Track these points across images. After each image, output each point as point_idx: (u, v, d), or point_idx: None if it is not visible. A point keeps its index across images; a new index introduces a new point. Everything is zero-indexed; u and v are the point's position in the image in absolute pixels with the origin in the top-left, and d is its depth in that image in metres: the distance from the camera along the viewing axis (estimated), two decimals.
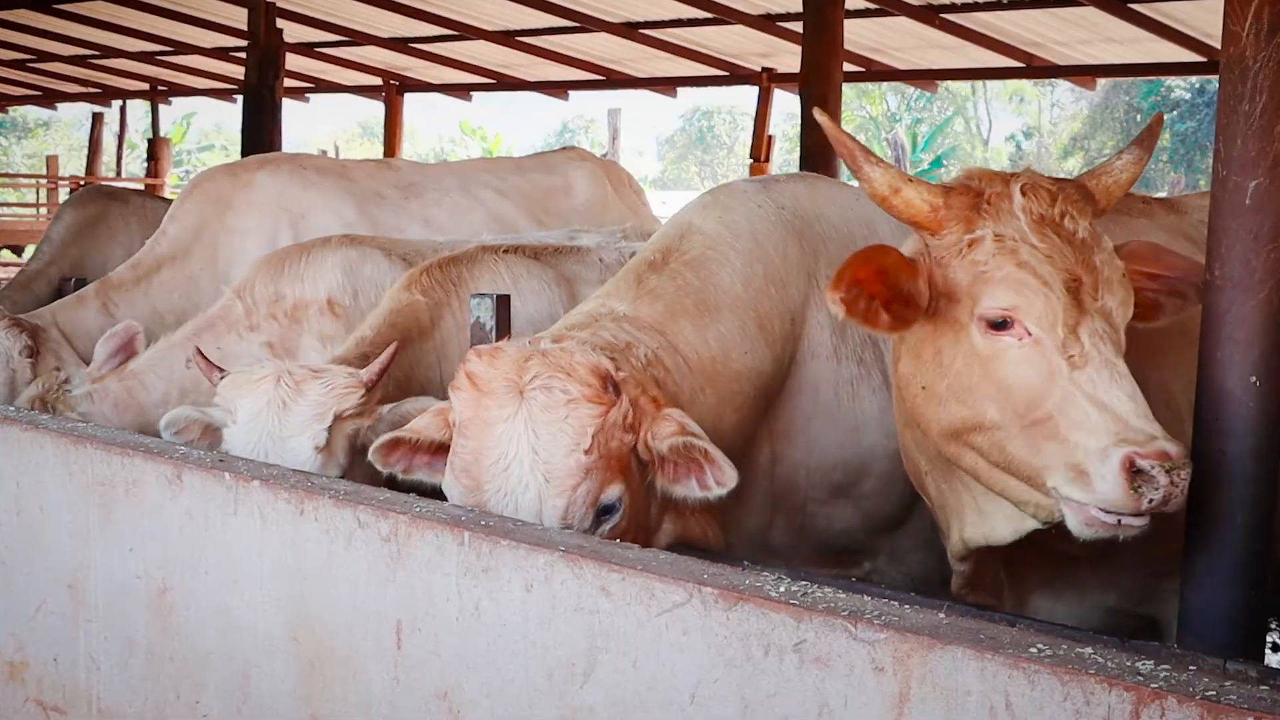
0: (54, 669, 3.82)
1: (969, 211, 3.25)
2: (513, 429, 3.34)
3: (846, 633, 2.27)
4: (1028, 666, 2.08)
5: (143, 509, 3.51)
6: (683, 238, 4.15)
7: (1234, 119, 3.16)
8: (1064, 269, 3.13)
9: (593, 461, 3.32)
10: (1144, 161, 3.46)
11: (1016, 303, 3.13)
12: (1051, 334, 3.10)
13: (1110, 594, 3.89)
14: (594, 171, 8.90)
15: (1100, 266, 3.17)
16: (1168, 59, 14.56)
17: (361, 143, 60.13)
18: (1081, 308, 3.11)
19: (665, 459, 3.43)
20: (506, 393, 3.37)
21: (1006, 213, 3.22)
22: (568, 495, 3.29)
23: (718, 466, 3.38)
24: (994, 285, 3.17)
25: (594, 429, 3.32)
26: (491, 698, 2.78)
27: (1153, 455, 2.88)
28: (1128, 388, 3.02)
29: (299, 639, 3.16)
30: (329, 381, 4.19)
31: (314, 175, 7.87)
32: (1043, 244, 3.16)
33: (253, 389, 4.19)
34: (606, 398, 3.37)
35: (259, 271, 5.92)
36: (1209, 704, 1.94)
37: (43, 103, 28.08)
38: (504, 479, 3.31)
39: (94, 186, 11.56)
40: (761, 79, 17.12)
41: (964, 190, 3.32)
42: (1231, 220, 3.17)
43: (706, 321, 3.92)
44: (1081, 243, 3.19)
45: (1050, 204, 3.22)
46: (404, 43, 18.01)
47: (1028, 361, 3.13)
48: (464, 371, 3.46)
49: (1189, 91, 45.55)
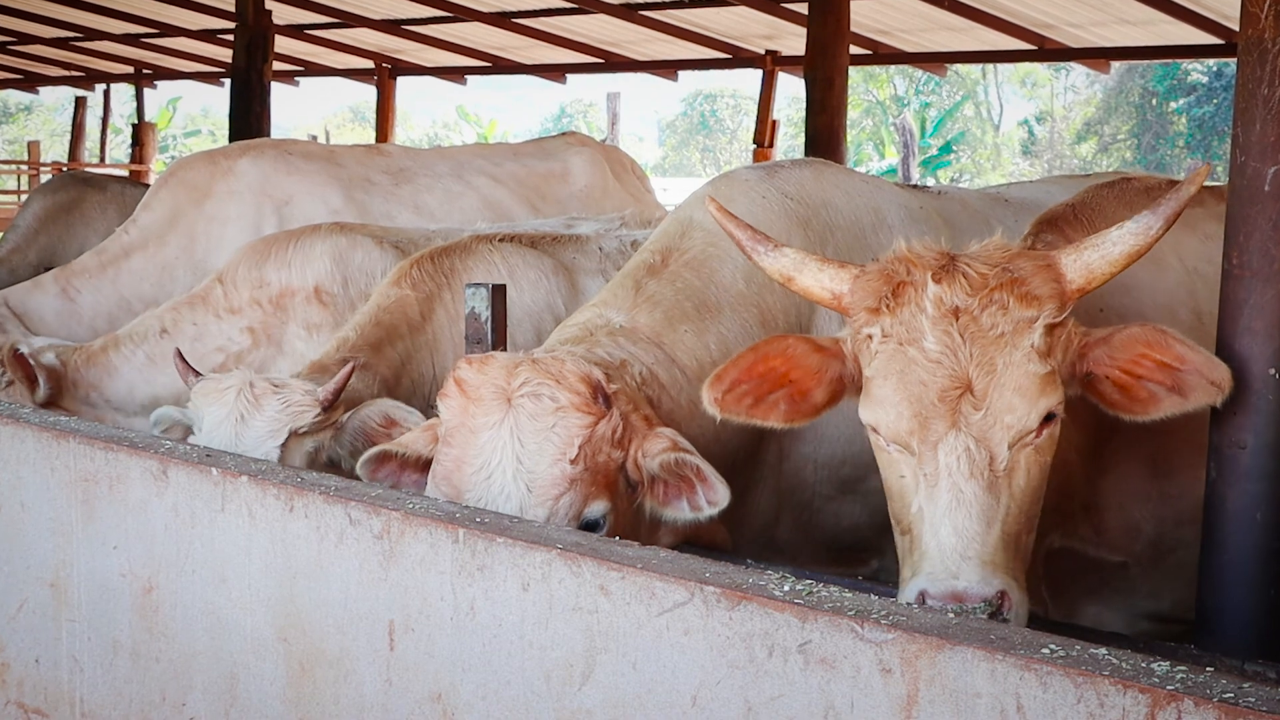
0: (36, 670, 3.82)
1: (875, 300, 3.14)
2: (498, 436, 3.33)
3: (853, 633, 2.27)
4: (1040, 668, 2.08)
5: (127, 505, 3.51)
6: (683, 235, 4.15)
7: (1252, 103, 3.15)
8: (946, 375, 2.99)
9: (578, 473, 3.31)
10: (1153, 234, 3.04)
11: (874, 419, 3.11)
12: (908, 451, 3.04)
13: (1163, 601, 3.88)
14: (593, 157, 8.89)
15: (1003, 370, 2.98)
16: (1184, 41, 14.56)
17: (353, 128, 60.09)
18: (952, 421, 2.97)
19: (655, 479, 3.42)
20: (494, 399, 3.37)
21: (912, 304, 3.07)
22: (549, 505, 3.28)
23: (710, 485, 3.36)
24: (866, 394, 3.15)
25: (581, 439, 3.31)
26: (487, 700, 2.77)
27: (941, 596, 2.86)
28: (961, 518, 2.92)
29: (289, 639, 3.16)
30: (286, 398, 4.27)
31: (299, 160, 7.87)
32: (935, 344, 3.01)
33: (218, 397, 4.27)
34: (596, 408, 3.36)
35: (244, 255, 5.99)
36: (1226, 706, 1.94)
37: (24, 86, 28.09)
38: (485, 487, 3.31)
39: (70, 173, 11.55)
40: (765, 62, 17.12)
41: (879, 275, 3.19)
42: (1250, 207, 3.16)
43: (707, 324, 3.92)
44: (997, 339, 3.00)
45: (972, 293, 3.03)
46: (396, 24, 18.01)
47: (894, 466, 3.12)
48: (453, 379, 3.47)
49: (1206, 75, 45.49)
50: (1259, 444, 3.17)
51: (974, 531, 2.90)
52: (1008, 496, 2.97)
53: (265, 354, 5.80)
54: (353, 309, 5.64)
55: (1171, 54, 17.22)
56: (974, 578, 2.86)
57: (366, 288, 5.66)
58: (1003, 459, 2.97)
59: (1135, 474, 3.69)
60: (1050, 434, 3.06)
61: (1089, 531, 3.77)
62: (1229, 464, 3.20)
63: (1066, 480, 3.58)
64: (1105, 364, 3.15)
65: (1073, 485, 3.67)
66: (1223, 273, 3.25)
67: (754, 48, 17.34)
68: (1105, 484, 3.73)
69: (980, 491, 2.93)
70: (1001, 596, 2.85)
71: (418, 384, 4.83)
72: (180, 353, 4.65)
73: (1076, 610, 3.91)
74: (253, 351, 5.79)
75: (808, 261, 3.31)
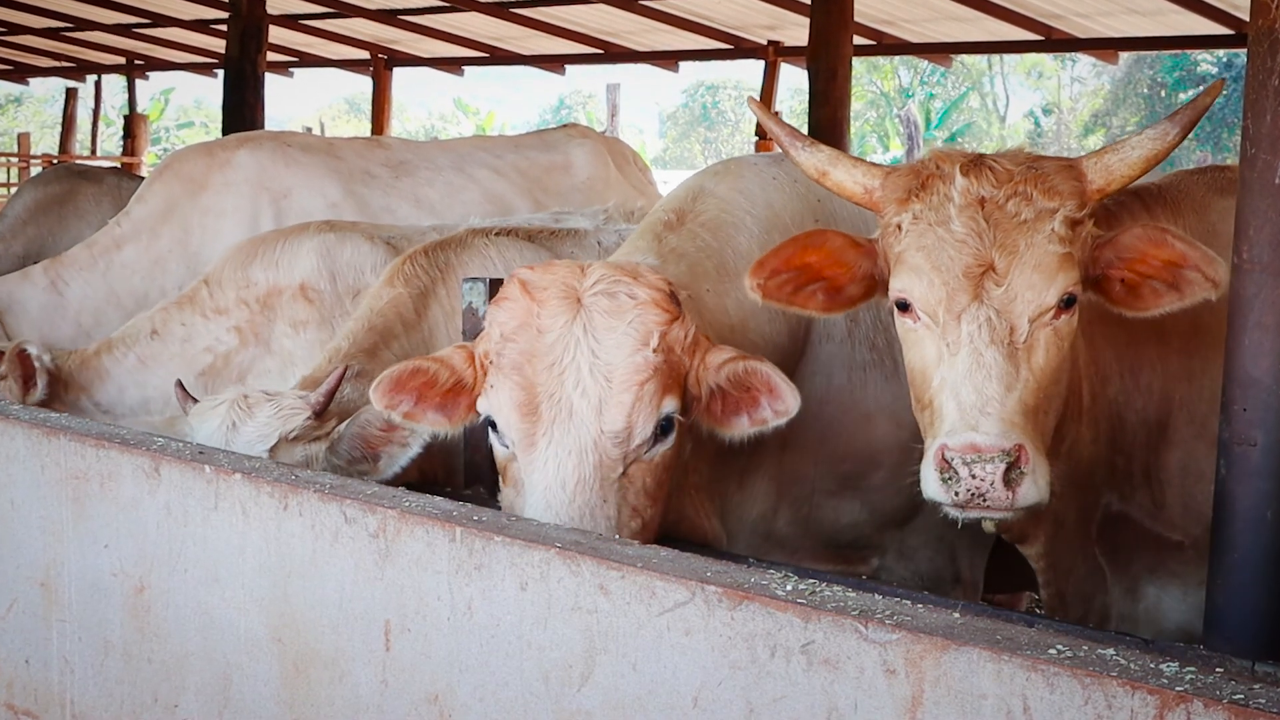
0: (25, 671, 3.82)
1: (904, 192, 3.37)
2: (570, 334, 3.33)
3: (857, 633, 2.26)
4: (1046, 669, 2.08)
5: (119, 503, 3.50)
6: (695, 200, 4.15)
7: (1263, 94, 3.14)
8: (971, 254, 3.21)
9: (659, 362, 3.32)
10: (1170, 139, 3.34)
11: (905, 286, 3.31)
12: (933, 319, 3.24)
13: None
14: (596, 149, 8.88)
15: (1024, 250, 3.21)
16: (1194, 31, 14.56)
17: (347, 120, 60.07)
18: (975, 294, 3.19)
19: (714, 394, 3.45)
20: (563, 299, 3.37)
21: (940, 194, 3.31)
22: (633, 392, 3.28)
23: (779, 394, 3.42)
24: (896, 267, 3.36)
25: (660, 333, 3.34)
26: (485, 701, 2.77)
27: (959, 448, 3.01)
28: (980, 378, 3.10)
29: (283, 640, 3.16)
30: (277, 404, 4.28)
31: (298, 153, 7.85)
32: (961, 227, 3.24)
33: (210, 413, 4.29)
34: (673, 308, 3.39)
35: (231, 255, 6.02)
36: (1236, 708, 1.94)
37: (14, 77, 28.05)
38: (559, 383, 3.29)
39: (62, 165, 11.51)
40: (768, 52, 17.11)
41: (909, 171, 3.43)
42: (1260, 201, 3.15)
43: (727, 287, 3.91)
44: (1020, 224, 3.23)
45: (998, 185, 3.27)
46: (392, 15, 17.99)
47: (918, 344, 3.31)
48: (515, 280, 3.45)
49: (1216, 65, 45.44)
50: (1269, 442, 3.16)
51: (994, 392, 3.09)
52: (1027, 370, 3.16)
53: (253, 353, 5.82)
54: (340, 304, 5.67)
55: (1180, 44, 17.23)
56: (993, 430, 3.04)
57: (355, 283, 5.68)
58: (1023, 331, 3.18)
59: (1200, 454, 3.74)
60: (1069, 320, 3.27)
61: (1148, 501, 3.86)
62: (1239, 462, 3.19)
63: (1119, 434, 3.75)
64: (1115, 265, 3.38)
65: (1128, 442, 3.78)
66: (1232, 267, 3.25)
67: (756, 38, 17.32)
68: (1169, 458, 3.83)
69: (1000, 358, 3.13)
70: (1019, 449, 3.01)
71: None
72: (181, 384, 4.68)
73: (1137, 590, 3.97)
74: (240, 351, 5.81)
75: (841, 158, 3.53)
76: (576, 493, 3.23)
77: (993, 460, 2.99)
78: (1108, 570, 3.94)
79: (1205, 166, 4.25)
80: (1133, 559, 3.94)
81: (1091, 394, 3.67)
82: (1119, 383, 3.73)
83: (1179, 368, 3.77)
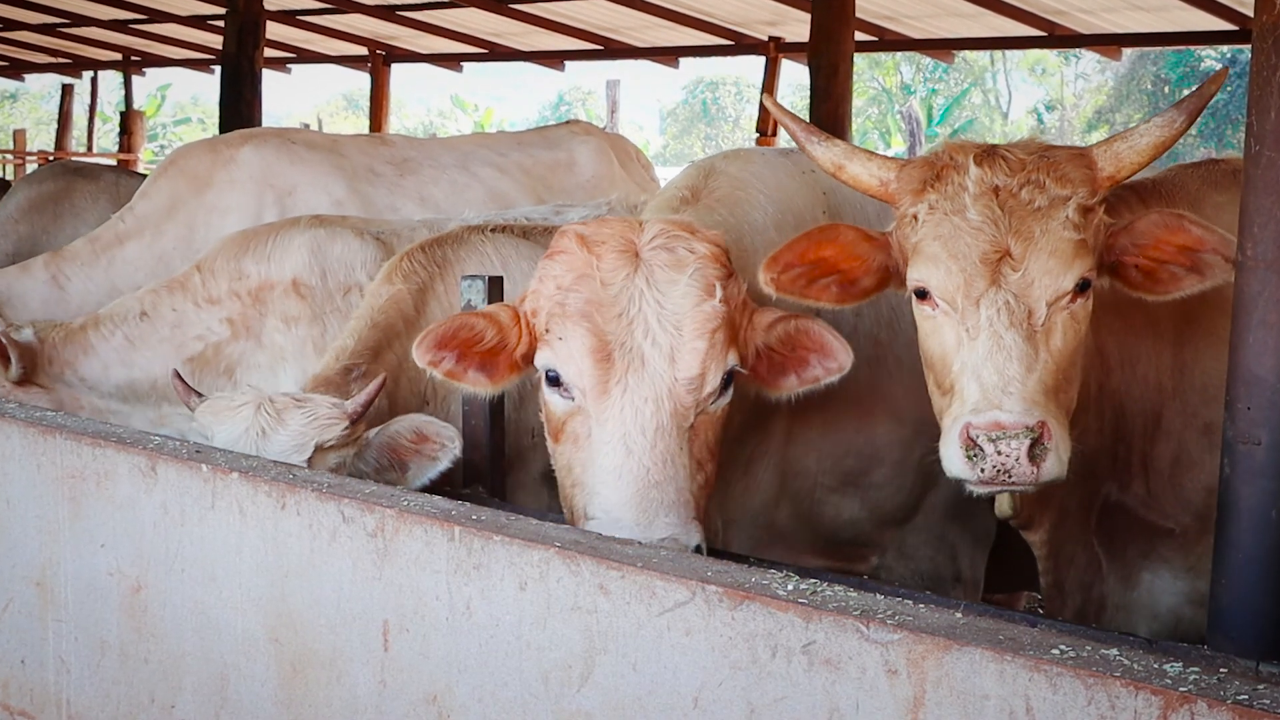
0: (21, 671, 3.82)
1: (919, 184, 3.44)
2: (632, 286, 3.38)
3: (858, 633, 2.26)
4: (1049, 669, 2.08)
5: (115, 502, 3.50)
6: (708, 178, 4.19)
7: (1267, 90, 3.13)
8: (988, 240, 3.28)
9: (725, 313, 3.39)
10: (1177, 126, 3.41)
11: (924, 275, 3.37)
12: (952, 306, 3.31)
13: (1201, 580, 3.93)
14: (599, 146, 8.88)
15: (1040, 236, 3.28)
16: (1198, 27, 14.53)
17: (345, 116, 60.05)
18: (993, 280, 3.26)
19: (760, 355, 3.52)
20: (621, 253, 3.42)
21: (955, 184, 3.38)
22: (708, 338, 3.34)
23: (831, 352, 3.51)
24: (914, 257, 3.42)
25: (721, 286, 3.40)
26: (483, 701, 2.77)
27: (984, 426, 3.08)
28: (1001, 359, 3.17)
29: (280, 640, 3.16)
30: (311, 411, 4.20)
31: (303, 150, 7.85)
32: (977, 215, 3.31)
33: (230, 415, 4.20)
34: (729, 264, 3.46)
35: (223, 246, 6.02)
36: (1241, 708, 1.94)
37: (9, 74, 28.02)
38: (628, 334, 3.33)
39: (58, 162, 11.49)
40: (768, 48, 17.07)
41: (923, 163, 3.50)
42: (1265, 198, 3.14)
43: (745, 264, 3.93)
44: (1034, 212, 3.30)
45: (1012, 173, 3.35)
46: (391, 10, 17.95)
47: (937, 331, 3.37)
48: (570, 234, 3.48)
49: (1220, 61, 45.43)
50: (1274, 440, 3.15)
51: (1015, 372, 3.16)
52: (1045, 353, 3.23)
53: (244, 346, 5.82)
54: (330, 300, 5.67)
55: (1184, 40, 17.19)
56: (1016, 408, 3.10)
57: (346, 279, 5.70)
58: (1041, 315, 3.26)
59: (1191, 444, 3.84)
60: (1084, 304, 3.34)
61: (1142, 490, 3.93)
62: (1243, 460, 3.18)
63: (1121, 423, 3.83)
64: (1131, 252, 3.46)
65: (1128, 432, 3.86)
66: (1236, 265, 3.24)
67: (757, 34, 17.28)
68: (1163, 448, 3.91)
69: (1019, 340, 3.20)
70: (1042, 426, 3.08)
71: (415, 381, 4.81)
72: (179, 374, 4.63)
73: (1133, 577, 4.02)
74: (232, 343, 5.81)
75: (857, 151, 3.61)
76: (657, 438, 3.29)
77: (1017, 437, 3.06)
78: (1104, 559, 4.01)
79: (1200, 161, 4.31)
80: (1127, 546, 4.01)
81: (1098, 384, 3.73)
82: (1120, 374, 3.80)
83: (1171, 359, 3.84)
